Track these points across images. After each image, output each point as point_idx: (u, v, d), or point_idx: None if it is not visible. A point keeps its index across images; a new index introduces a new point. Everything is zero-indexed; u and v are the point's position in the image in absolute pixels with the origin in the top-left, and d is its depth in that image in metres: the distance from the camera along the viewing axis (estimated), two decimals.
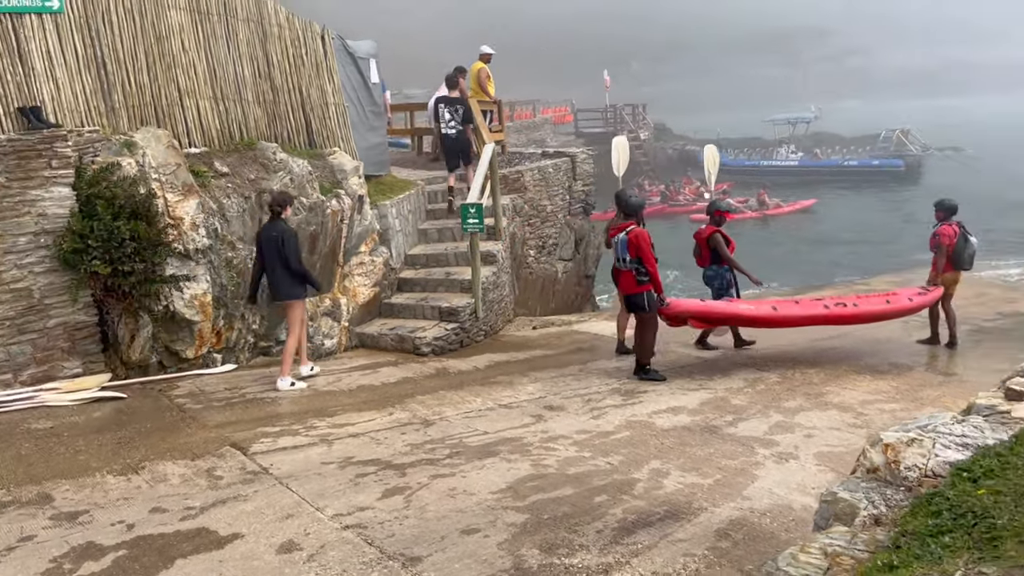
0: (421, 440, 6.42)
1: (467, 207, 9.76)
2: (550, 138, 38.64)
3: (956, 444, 3.39)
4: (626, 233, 8.17)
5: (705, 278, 9.57)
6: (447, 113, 12.08)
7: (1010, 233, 26.58)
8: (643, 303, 8.20)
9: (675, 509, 5.05)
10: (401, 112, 16.46)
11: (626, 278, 8.26)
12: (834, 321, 8.85)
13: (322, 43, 10.27)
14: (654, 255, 8.17)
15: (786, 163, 40.79)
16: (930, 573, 2.33)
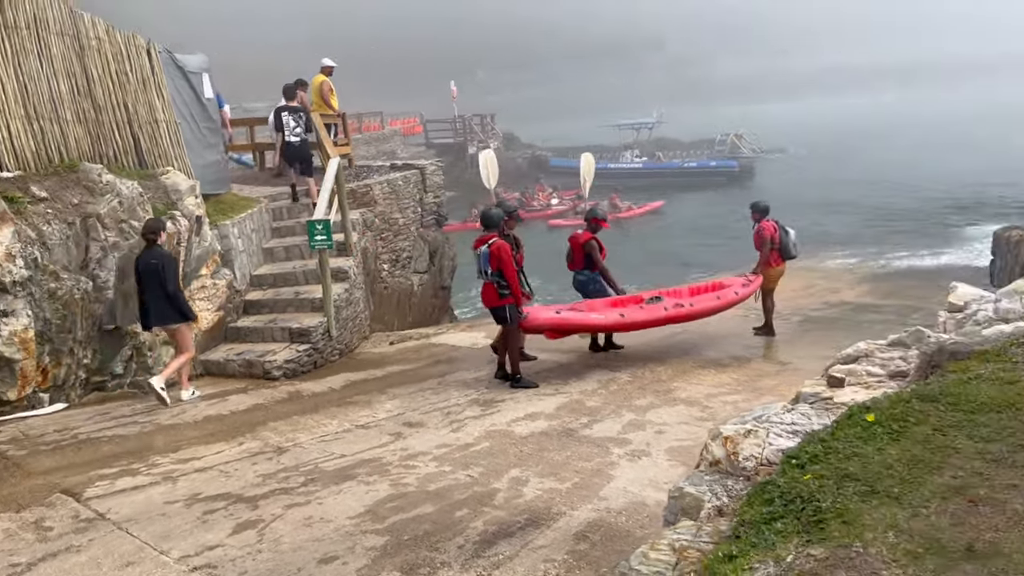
0: (274, 469, 6.17)
1: (314, 224, 9.51)
2: (400, 150, 38.42)
3: (787, 432, 3.58)
4: (488, 246, 8.19)
5: (578, 283, 9.67)
6: (291, 120, 11.84)
7: (840, 226, 28.74)
8: (505, 315, 8.28)
9: (535, 516, 5.10)
10: (242, 127, 15.86)
11: (489, 290, 8.29)
12: (675, 321, 9.37)
13: (148, 57, 9.72)
14: (515, 267, 8.24)
15: (631, 166, 42.44)
16: (765, 559, 2.44)
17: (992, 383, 3.26)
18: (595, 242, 9.47)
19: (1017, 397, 3.07)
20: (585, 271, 9.56)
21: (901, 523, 2.34)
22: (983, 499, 2.39)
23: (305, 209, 11.35)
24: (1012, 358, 3.58)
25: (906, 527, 2.31)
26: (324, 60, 14.20)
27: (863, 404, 3.36)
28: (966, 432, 2.82)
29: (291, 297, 10.24)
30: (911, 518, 2.35)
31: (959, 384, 3.29)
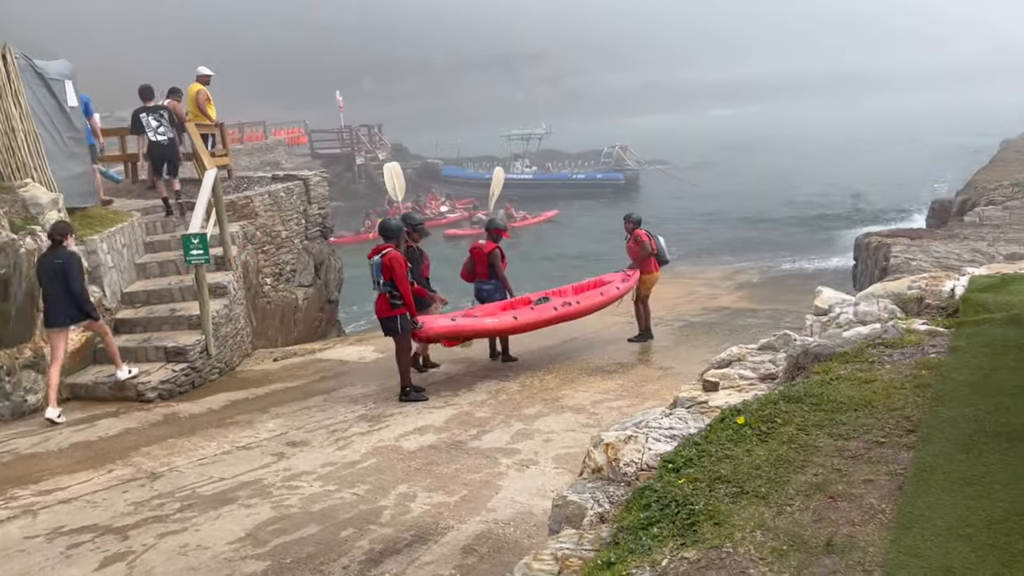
0: (147, 496, 5.86)
1: (189, 237, 9.12)
2: (285, 160, 37.52)
3: (665, 437, 3.67)
4: (381, 256, 8.12)
5: (485, 292, 9.76)
6: (152, 120, 11.39)
7: (720, 234, 29.87)
8: (396, 326, 8.19)
9: (423, 532, 5.04)
10: (113, 136, 15.04)
11: (381, 301, 8.19)
12: (565, 319, 9.63)
13: (3, 62, 9.10)
14: (408, 278, 8.20)
15: (522, 177, 42.91)
16: (642, 565, 2.48)
17: (851, 383, 3.44)
18: (499, 251, 9.68)
19: (873, 396, 3.25)
20: (492, 280, 9.71)
21: (768, 522, 2.42)
22: (842, 495, 2.51)
23: (181, 223, 10.88)
24: (869, 358, 3.79)
25: (772, 525, 2.40)
26: (200, 68, 13.68)
27: (735, 407, 3.48)
28: (827, 431, 2.96)
29: (166, 315, 9.78)
30: (776, 516, 2.45)
31: (821, 385, 3.45)
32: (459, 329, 8.73)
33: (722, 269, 21.44)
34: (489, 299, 9.73)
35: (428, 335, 8.54)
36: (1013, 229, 11.41)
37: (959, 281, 4.99)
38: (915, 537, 2.23)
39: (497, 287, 9.72)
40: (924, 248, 10.14)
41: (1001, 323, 3.88)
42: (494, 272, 9.67)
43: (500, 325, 9.07)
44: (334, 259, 15.01)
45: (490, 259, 9.62)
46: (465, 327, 8.78)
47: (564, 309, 9.47)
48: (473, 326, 8.85)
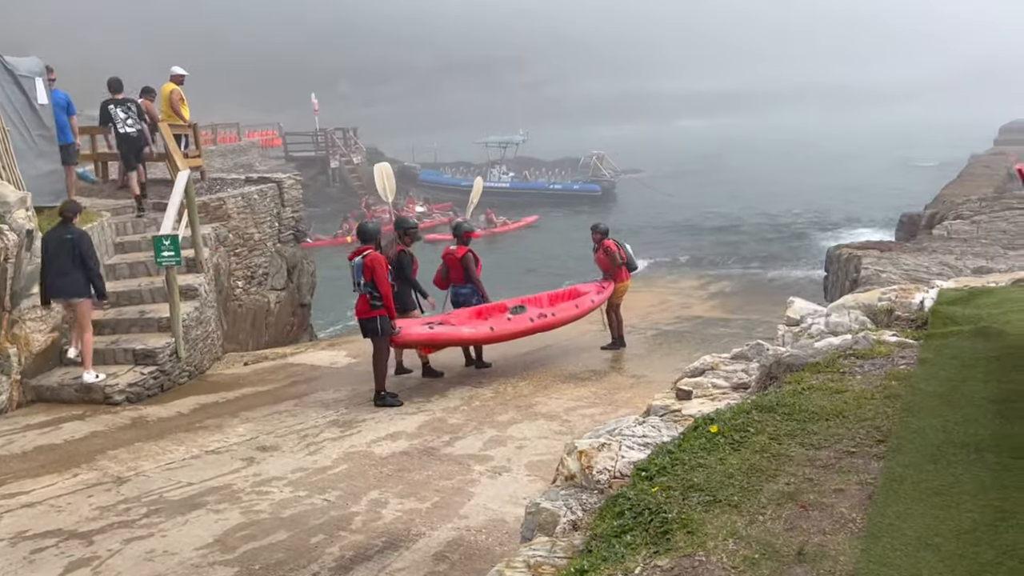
0: (113, 501, 5.77)
1: (160, 239, 9.01)
2: (258, 163, 37.23)
3: (639, 445, 3.68)
4: (362, 257, 8.09)
5: (462, 296, 9.71)
6: (121, 112, 11.29)
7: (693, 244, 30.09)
8: (376, 327, 8.15)
9: (394, 539, 5.00)
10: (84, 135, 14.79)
11: (361, 302, 8.16)
12: (540, 329, 9.64)
13: None
14: (389, 281, 8.20)
15: (499, 184, 42.91)
16: (615, 573, 2.48)
17: (823, 393, 3.47)
18: (471, 255, 9.66)
19: (844, 406, 3.28)
20: (468, 285, 9.68)
21: (740, 530, 2.44)
22: (813, 504, 2.53)
23: (152, 224, 10.74)
24: (840, 369, 3.83)
25: (744, 534, 2.41)
26: (174, 68, 13.54)
27: (708, 416, 3.50)
28: (799, 440, 2.99)
29: (135, 317, 9.64)
30: (749, 525, 2.46)
31: (794, 395, 3.48)
32: (436, 337, 8.68)
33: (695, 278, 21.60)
34: (466, 303, 9.67)
35: (404, 340, 8.49)
36: (980, 243, 11.62)
37: (928, 294, 5.06)
38: (885, 546, 2.25)
39: (473, 291, 9.69)
40: (894, 260, 10.29)
41: (969, 335, 3.94)
42: (469, 276, 9.65)
43: (476, 335, 9.04)
44: (307, 262, 14.90)
45: (463, 263, 9.59)
46: (442, 335, 8.72)
47: (540, 321, 9.47)
48: (450, 335, 8.80)
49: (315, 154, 41.50)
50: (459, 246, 9.70)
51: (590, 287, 10.60)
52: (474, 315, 9.39)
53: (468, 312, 9.42)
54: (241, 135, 40.54)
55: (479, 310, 9.51)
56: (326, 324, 19.35)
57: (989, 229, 12.60)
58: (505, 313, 9.53)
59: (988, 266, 9.55)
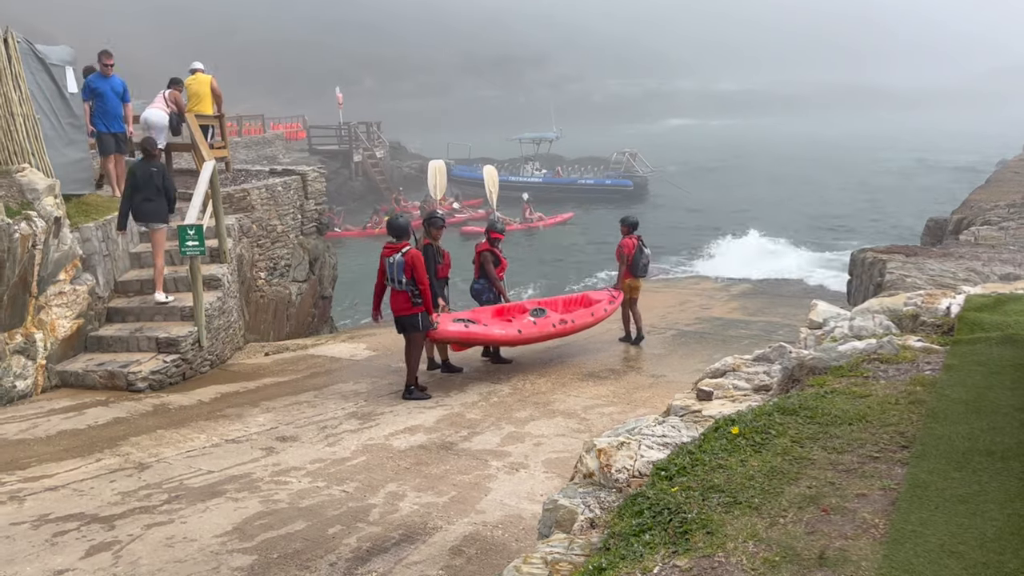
0: (134, 487, 5.83)
1: (185, 228, 9.09)
2: (282, 155, 37.44)
3: (658, 444, 3.67)
4: (402, 254, 8.10)
5: (474, 291, 10.04)
6: None
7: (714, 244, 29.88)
8: (417, 324, 8.25)
9: (411, 531, 5.02)
10: None
11: (401, 299, 8.20)
12: (560, 335, 9.97)
13: (4, 47, 9.06)
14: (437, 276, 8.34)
15: (531, 180, 42.90)
16: (633, 571, 2.48)
17: (846, 397, 3.44)
18: (489, 254, 9.86)
19: (868, 410, 3.25)
20: (481, 280, 9.96)
21: (760, 532, 2.42)
22: (835, 508, 2.51)
23: (177, 212, 10.83)
24: (864, 373, 3.80)
25: (765, 536, 2.40)
26: (195, 64, 13.64)
27: (729, 417, 3.48)
28: (821, 444, 2.97)
29: (159, 305, 9.73)
30: (769, 527, 2.45)
31: (816, 398, 3.46)
32: (470, 335, 8.88)
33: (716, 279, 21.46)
34: (477, 297, 9.99)
35: (441, 336, 8.69)
36: (1008, 250, 11.45)
37: (955, 299, 5.00)
38: (908, 553, 2.23)
39: (485, 286, 9.92)
40: (919, 265, 10.17)
41: (996, 342, 3.89)
42: (485, 272, 9.89)
43: (506, 336, 9.24)
44: (329, 255, 14.99)
45: (481, 259, 9.91)
46: (476, 335, 8.92)
47: (561, 327, 9.74)
48: (484, 334, 9.00)
49: (338, 147, 41.67)
50: (483, 242, 10.02)
51: (602, 295, 10.81)
52: (497, 314, 9.53)
53: (491, 311, 9.54)
54: (266, 127, 40.77)
55: (500, 309, 9.68)
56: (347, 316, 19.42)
57: (1018, 235, 12.41)
58: (526, 315, 9.67)
59: (1016, 273, 9.42)
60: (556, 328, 9.68)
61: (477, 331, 8.93)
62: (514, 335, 9.27)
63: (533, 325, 9.44)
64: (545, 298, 10.96)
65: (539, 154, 46.10)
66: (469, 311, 9.57)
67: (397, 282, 8.15)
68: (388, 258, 8.21)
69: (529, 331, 9.36)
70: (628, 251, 10.45)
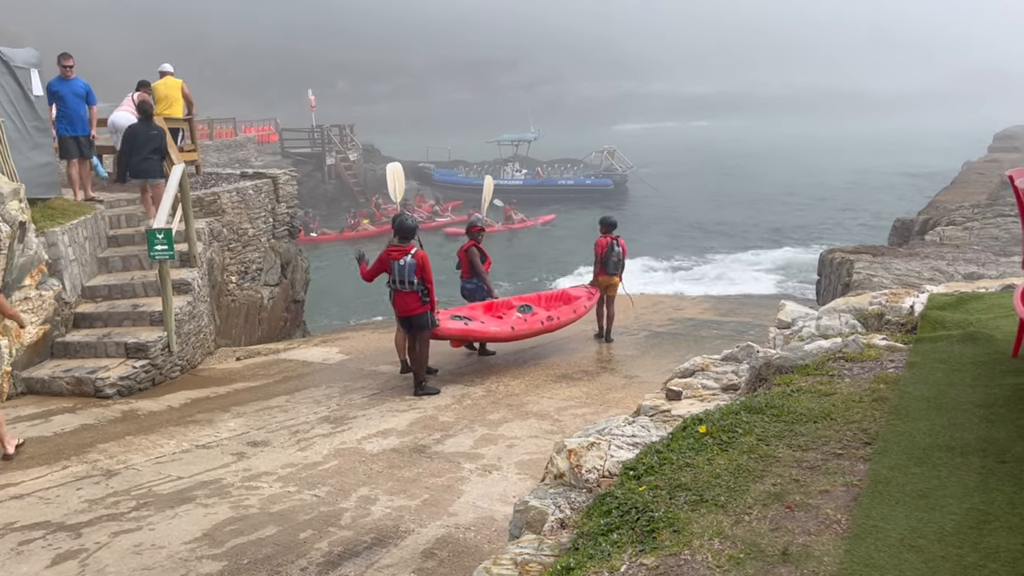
0: (102, 494, 5.76)
1: (154, 232, 9.00)
2: (254, 158, 37.14)
3: (628, 444, 3.69)
4: (412, 256, 8.28)
5: (466, 291, 10.21)
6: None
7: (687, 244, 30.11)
8: (427, 322, 8.47)
9: (383, 535, 5.00)
10: None
11: (411, 299, 8.36)
12: (548, 331, 10.19)
13: None
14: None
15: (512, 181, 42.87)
16: (600, 571, 2.49)
17: (811, 395, 3.49)
18: (476, 249, 10.05)
19: (832, 408, 3.30)
20: (473, 279, 10.14)
21: (726, 530, 2.45)
22: (799, 505, 2.55)
23: (146, 218, 10.72)
24: (829, 371, 3.85)
25: (730, 534, 2.42)
26: (164, 66, 13.49)
27: (697, 416, 3.51)
28: (786, 441, 3.00)
29: (128, 310, 9.62)
30: (735, 525, 2.47)
31: (782, 396, 3.50)
32: (468, 332, 9.22)
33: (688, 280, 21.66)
34: (471, 297, 10.13)
35: (443, 333, 8.89)
36: (972, 249, 11.66)
37: (918, 298, 5.08)
38: (869, 547, 2.27)
39: (477, 286, 10.08)
40: (886, 265, 10.32)
41: (957, 340, 3.96)
42: (474, 270, 10.02)
43: (500, 333, 9.53)
44: (301, 258, 14.90)
45: (468, 257, 10.02)
46: (474, 331, 9.25)
47: (548, 324, 10.02)
48: (481, 331, 9.32)
49: (311, 150, 41.44)
50: (469, 240, 10.18)
51: (580, 292, 11.14)
52: (487, 310, 9.79)
53: (482, 307, 9.80)
54: (238, 130, 40.42)
55: (489, 305, 9.93)
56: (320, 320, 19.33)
57: (981, 236, 12.65)
58: (514, 311, 9.96)
59: (979, 272, 9.59)
60: (544, 325, 9.95)
61: (475, 328, 9.25)
62: (508, 332, 9.53)
63: (524, 322, 9.72)
64: (528, 294, 11.38)
65: (517, 156, 46.15)
66: (464, 307, 9.75)
67: (407, 283, 8.27)
68: (397, 261, 8.28)
69: (521, 328, 9.65)
70: (600, 250, 10.78)
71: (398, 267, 8.26)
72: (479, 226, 10.38)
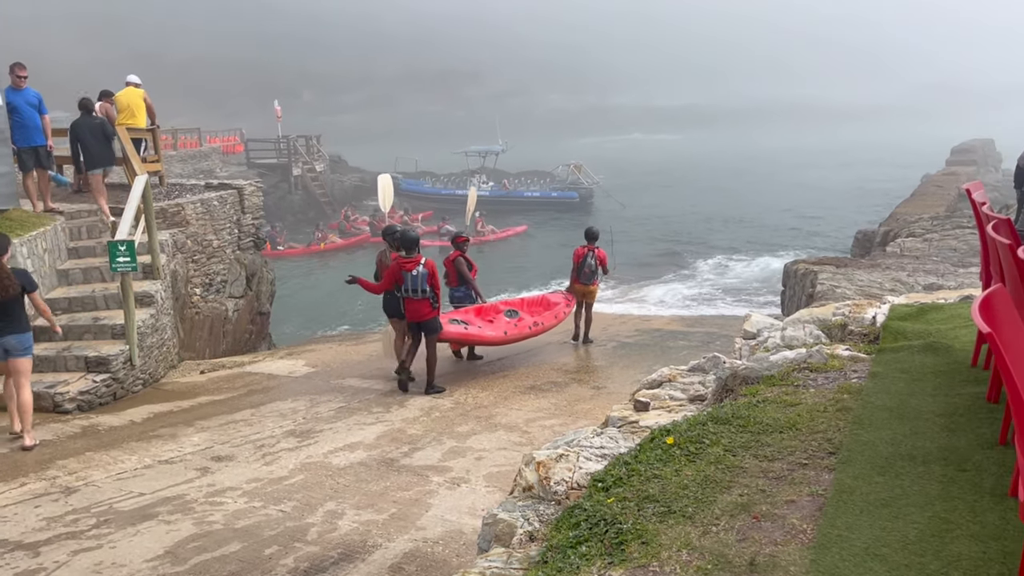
0: (61, 512, 5.62)
1: (115, 244, 8.85)
2: (219, 169, 36.74)
3: (596, 456, 3.70)
4: (424, 266, 8.79)
5: (456, 299, 10.56)
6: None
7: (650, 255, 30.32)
8: (437, 326, 9.00)
9: (350, 550, 4.95)
10: None
11: (422, 306, 8.83)
12: (534, 335, 10.77)
13: None
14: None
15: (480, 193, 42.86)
16: None
17: (777, 405, 3.53)
18: (462, 259, 10.48)
19: (798, 418, 3.34)
20: (461, 287, 10.56)
21: (694, 541, 2.46)
22: (765, 515, 2.57)
23: (108, 229, 10.53)
24: (794, 382, 3.90)
25: (698, 545, 2.43)
26: (130, 77, 13.32)
27: (664, 427, 3.53)
28: (753, 452, 3.03)
29: (88, 323, 9.43)
30: (702, 536, 2.48)
31: (748, 407, 3.53)
32: (467, 336, 9.75)
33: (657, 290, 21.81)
34: (460, 304, 10.47)
35: (445, 336, 9.36)
36: (932, 260, 11.89)
37: (880, 309, 5.17)
38: (834, 557, 2.29)
39: (466, 294, 10.48)
40: (848, 276, 10.48)
41: (918, 350, 4.03)
42: (462, 279, 10.41)
43: (495, 337, 10.03)
44: (267, 270, 14.75)
45: (455, 266, 10.43)
46: (473, 335, 9.78)
47: (535, 328, 10.60)
48: (478, 335, 9.84)
49: (277, 161, 41.06)
50: (454, 251, 10.60)
51: (559, 298, 11.61)
52: (476, 313, 10.24)
53: (473, 311, 10.26)
54: (203, 140, 39.97)
55: (479, 309, 10.39)
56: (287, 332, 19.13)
57: (940, 247, 12.90)
58: (501, 315, 10.46)
59: (939, 283, 9.78)
60: (532, 330, 10.52)
61: (473, 332, 9.76)
62: (501, 336, 10.06)
63: (515, 327, 10.27)
64: (512, 299, 12.09)
65: (485, 167, 46.23)
66: (459, 311, 10.18)
67: (420, 291, 8.76)
68: (410, 272, 8.75)
69: (512, 332, 10.20)
70: (576, 259, 11.27)
71: (411, 277, 8.74)
72: (464, 236, 10.95)
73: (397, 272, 8.81)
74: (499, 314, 10.46)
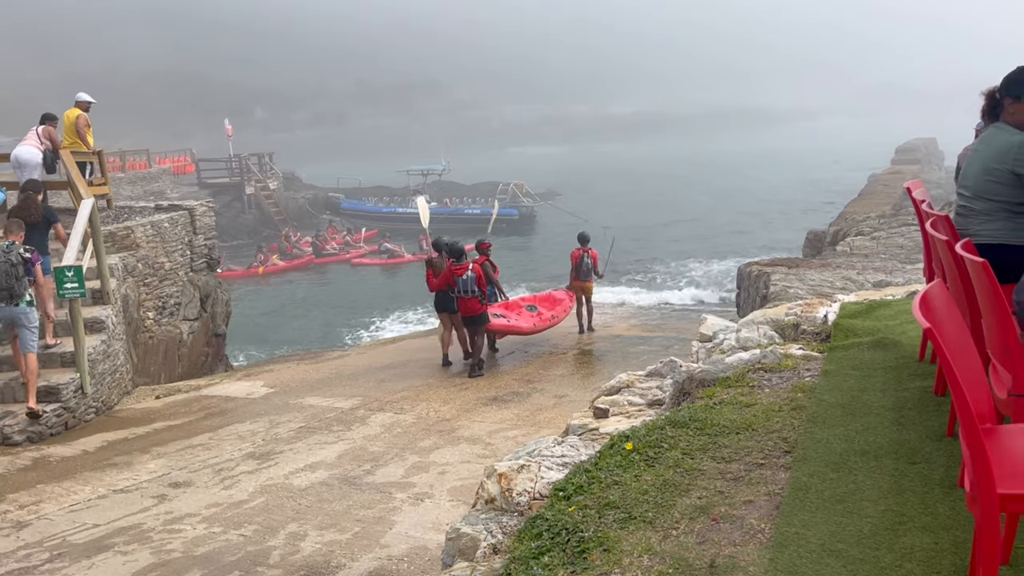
0: (12, 547, 5.46)
1: (63, 270, 8.64)
2: (170, 190, 36.11)
3: (557, 465, 3.70)
4: (471, 271, 10.35)
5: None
6: None
7: None
8: (486, 319, 10.62)
9: (313, 571, 4.88)
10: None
11: (473, 303, 10.42)
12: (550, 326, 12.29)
13: None
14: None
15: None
16: None
17: (733, 407, 3.56)
18: (488, 263, 11.50)
19: (753, 419, 3.38)
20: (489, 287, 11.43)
21: (654, 546, 2.47)
22: (724, 516, 2.59)
23: (56, 255, 10.28)
24: (749, 383, 3.94)
25: (659, 549, 2.44)
26: (80, 95, 13.04)
27: (623, 433, 3.54)
28: (710, 454, 3.06)
29: (37, 352, 9.18)
30: (663, 540, 2.50)
31: (705, 409, 3.56)
32: (508, 327, 11.42)
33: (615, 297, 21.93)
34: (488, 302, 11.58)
35: (490, 328, 10.91)
36: (880, 258, 12.17)
37: (831, 308, 5.27)
38: (791, 555, 2.32)
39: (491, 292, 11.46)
40: (800, 276, 10.67)
41: (868, 347, 4.11)
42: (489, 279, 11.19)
43: (527, 328, 11.75)
44: (221, 291, 14.53)
45: (483, 269, 11.07)
46: (512, 326, 11.46)
47: (552, 321, 12.26)
48: (516, 326, 11.52)
49: (229, 180, 40.55)
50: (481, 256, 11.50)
51: (562, 295, 13.30)
52: (505, 308, 11.78)
53: (501, 306, 11.70)
54: (152, 162, 39.29)
55: (506, 305, 11.98)
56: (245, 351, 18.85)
57: (888, 244, 13.21)
58: (523, 309, 12.15)
59: (887, 280, 10.00)
60: (550, 322, 12.18)
61: (512, 323, 11.49)
62: (531, 327, 11.84)
63: (540, 319, 12.01)
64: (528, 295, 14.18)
65: (428, 184, 46.23)
66: (495, 306, 11.46)
67: (470, 292, 10.35)
68: (461, 276, 10.36)
69: (538, 324, 11.96)
70: (573, 260, 12.83)
71: (462, 281, 10.38)
72: (488, 243, 12.07)
73: (450, 276, 10.51)
74: (521, 309, 12.18)
